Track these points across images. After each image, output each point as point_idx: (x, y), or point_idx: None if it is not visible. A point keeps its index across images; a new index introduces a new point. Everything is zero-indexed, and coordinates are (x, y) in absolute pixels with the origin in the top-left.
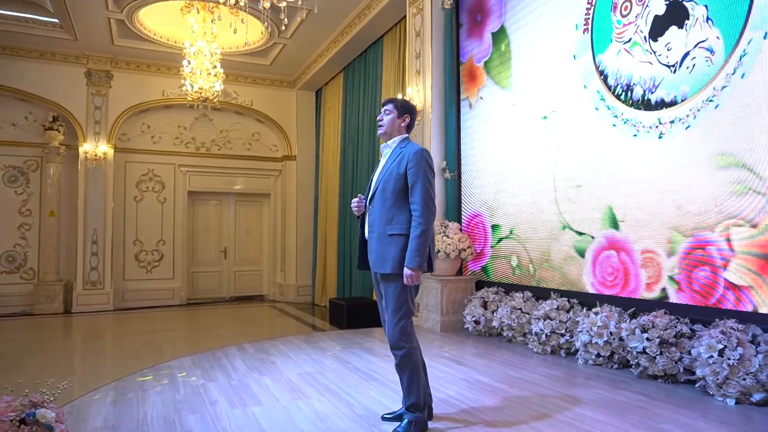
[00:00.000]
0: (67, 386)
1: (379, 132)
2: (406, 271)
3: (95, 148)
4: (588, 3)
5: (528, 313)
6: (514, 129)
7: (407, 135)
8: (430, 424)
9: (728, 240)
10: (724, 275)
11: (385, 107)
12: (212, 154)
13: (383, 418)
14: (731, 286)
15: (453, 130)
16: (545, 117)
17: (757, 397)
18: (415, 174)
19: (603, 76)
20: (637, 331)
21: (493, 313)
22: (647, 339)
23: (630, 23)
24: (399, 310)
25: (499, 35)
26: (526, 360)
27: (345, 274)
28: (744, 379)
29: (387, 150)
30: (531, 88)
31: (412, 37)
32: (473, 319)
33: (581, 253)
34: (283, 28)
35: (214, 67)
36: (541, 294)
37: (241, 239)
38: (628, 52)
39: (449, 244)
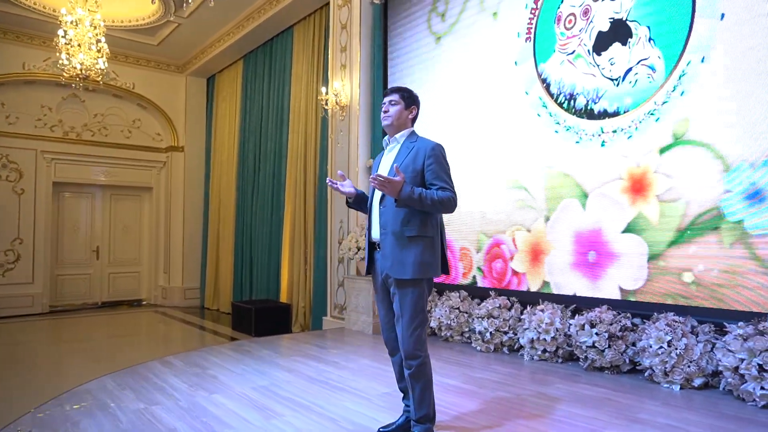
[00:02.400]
0: None
1: (385, 123)
2: (395, 180)
3: None
4: (531, 13)
5: (467, 312)
6: None
7: (413, 128)
8: None
9: (514, 240)
10: (511, 265)
11: (389, 97)
12: (84, 140)
13: None
14: (515, 272)
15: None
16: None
17: (697, 381)
18: (434, 171)
19: (545, 84)
20: (587, 326)
21: (428, 313)
22: (596, 334)
23: (574, 36)
24: (416, 318)
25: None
26: (474, 359)
27: (243, 276)
28: (688, 367)
29: (394, 144)
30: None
31: (336, 30)
32: None
33: None
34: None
35: (98, 41)
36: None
37: (117, 238)
38: (572, 63)
39: None
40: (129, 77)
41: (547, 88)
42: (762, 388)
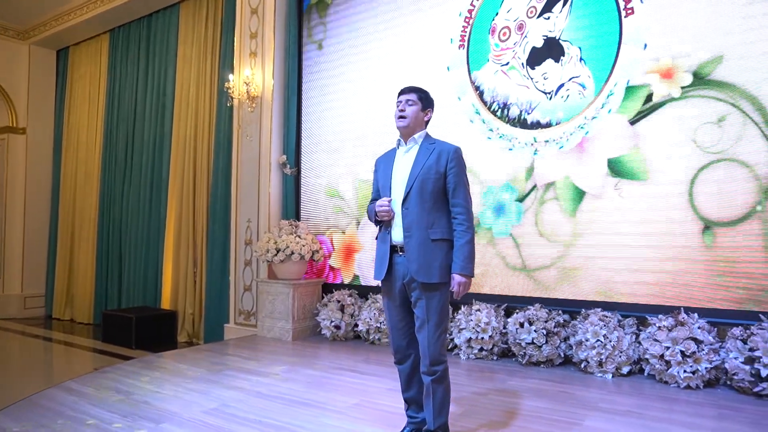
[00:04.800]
0: None
1: (401, 124)
2: (461, 279)
3: None
4: (465, 21)
5: None
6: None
7: (426, 130)
8: None
9: (332, 240)
10: (330, 262)
11: (406, 96)
12: None
13: None
14: (332, 268)
15: (294, 122)
16: None
17: (625, 369)
18: (457, 175)
19: (479, 91)
20: (526, 324)
21: (351, 316)
22: (534, 331)
23: (508, 48)
24: (442, 323)
25: None
26: None
27: (110, 281)
28: (619, 357)
29: (412, 145)
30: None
31: (245, 14)
32: (333, 324)
33: None
34: None
35: None
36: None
37: None
38: (506, 74)
39: (303, 245)
40: None
41: (481, 95)
42: (685, 371)
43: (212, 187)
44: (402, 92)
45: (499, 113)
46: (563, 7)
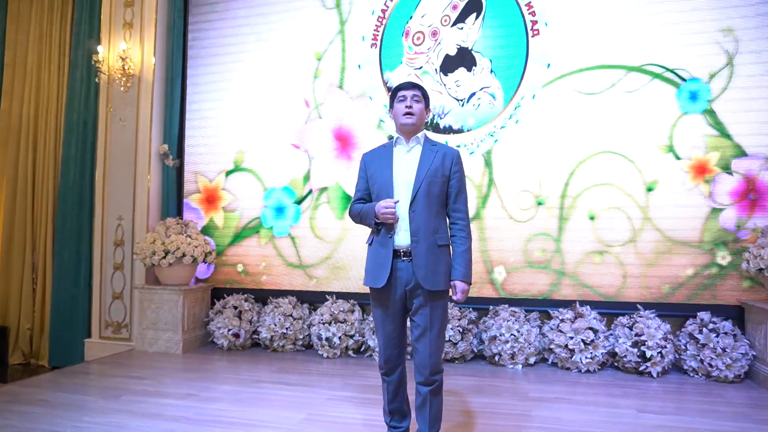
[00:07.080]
0: None
1: (409, 121)
2: (464, 286)
3: None
4: (378, 21)
5: (300, 319)
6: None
7: (424, 131)
8: None
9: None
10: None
11: (413, 92)
12: None
13: None
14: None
15: (177, 107)
16: None
17: (532, 360)
18: (460, 179)
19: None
20: None
21: (250, 323)
22: (451, 329)
23: (422, 53)
24: (443, 331)
25: None
26: (332, 366)
27: None
28: (529, 349)
29: (414, 145)
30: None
31: None
32: (231, 332)
33: None
34: None
35: None
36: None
37: None
38: (419, 77)
39: (196, 246)
40: None
41: None
42: (586, 357)
43: (61, 178)
44: (405, 87)
45: None
46: (476, 19)
